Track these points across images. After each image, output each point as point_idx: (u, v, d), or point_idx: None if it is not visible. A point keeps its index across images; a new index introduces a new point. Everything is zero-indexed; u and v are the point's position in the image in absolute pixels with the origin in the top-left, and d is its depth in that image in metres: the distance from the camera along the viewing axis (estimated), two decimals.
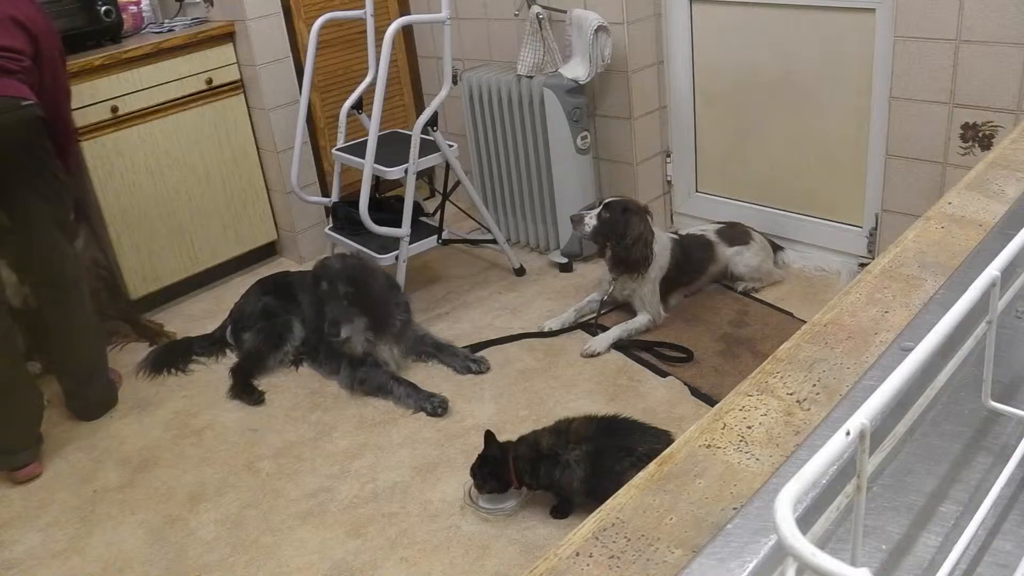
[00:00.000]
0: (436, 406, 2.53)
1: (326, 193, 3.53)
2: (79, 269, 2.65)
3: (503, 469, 2.06)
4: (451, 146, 3.06)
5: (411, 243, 3.00)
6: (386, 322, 2.71)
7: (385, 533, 2.11)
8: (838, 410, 0.67)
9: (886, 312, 0.80)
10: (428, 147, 3.00)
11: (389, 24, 2.82)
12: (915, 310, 0.79)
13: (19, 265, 2.55)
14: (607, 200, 2.80)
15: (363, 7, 3.19)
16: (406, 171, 2.92)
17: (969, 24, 2.37)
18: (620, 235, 2.73)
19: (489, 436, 2.10)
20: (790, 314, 2.81)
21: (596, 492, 1.97)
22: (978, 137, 2.49)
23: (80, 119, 2.91)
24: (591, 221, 2.76)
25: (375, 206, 2.99)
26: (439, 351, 2.80)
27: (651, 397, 2.48)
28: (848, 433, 0.45)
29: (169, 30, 3.19)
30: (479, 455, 2.11)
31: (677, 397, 2.47)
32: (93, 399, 2.71)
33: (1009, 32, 2.32)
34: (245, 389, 2.73)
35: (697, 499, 0.61)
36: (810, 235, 3.10)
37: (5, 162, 2.31)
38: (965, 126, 2.50)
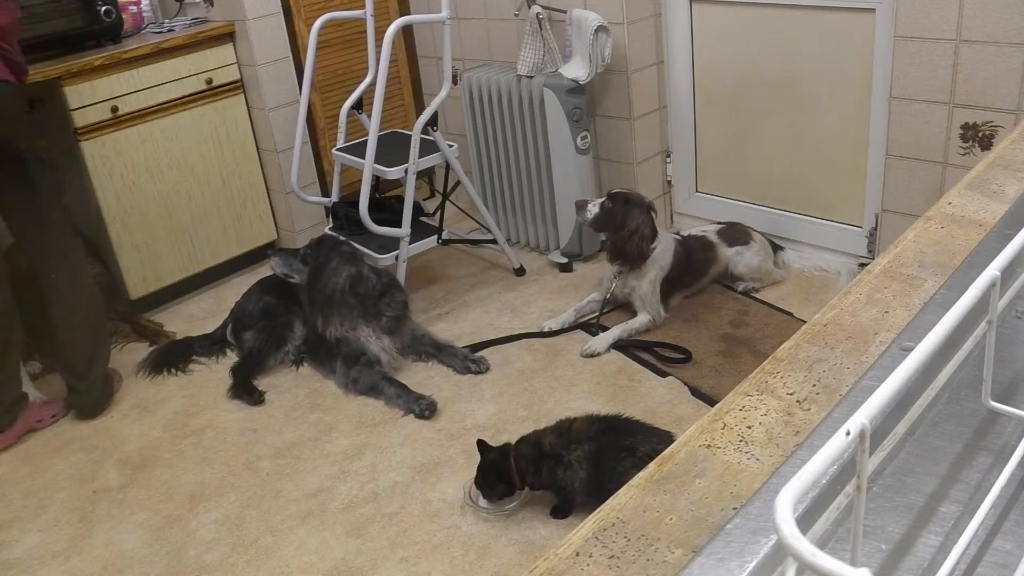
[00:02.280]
0: (424, 408, 2.52)
1: (326, 193, 3.53)
2: (77, 260, 2.66)
3: (506, 470, 2.06)
4: (451, 146, 3.06)
5: (411, 243, 3.00)
6: (327, 306, 2.74)
7: (385, 533, 2.11)
8: (838, 410, 0.67)
9: (886, 312, 0.80)
10: (428, 147, 3.00)
11: (389, 24, 2.82)
12: (915, 310, 0.79)
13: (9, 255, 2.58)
14: (613, 191, 2.81)
15: (363, 7, 3.19)
16: (406, 171, 2.92)
17: (969, 24, 2.37)
18: (618, 225, 2.74)
19: (481, 444, 2.10)
20: (790, 314, 2.81)
21: (597, 492, 1.97)
22: (978, 137, 2.49)
23: (80, 119, 2.92)
24: (593, 209, 2.79)
25: (375, 206, 2.99)
26: (439, 351, 2.80)
27: (651, 397, 2.48)
28: (848, 433, 0.45)
29: (169, 30, 3.19)
30: (478, 466, 2.10)
31: (677, 397, 2.47)
32: (89, 396, 2.72)
33: (1009, 32, 2.32)
34: (245, 389, 2.73)
35: (697, 499, 0.61)
36: (810, 235, 3.10)
37: None
38: (965, 126, 2.50)
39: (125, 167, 3.08)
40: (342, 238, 2.93)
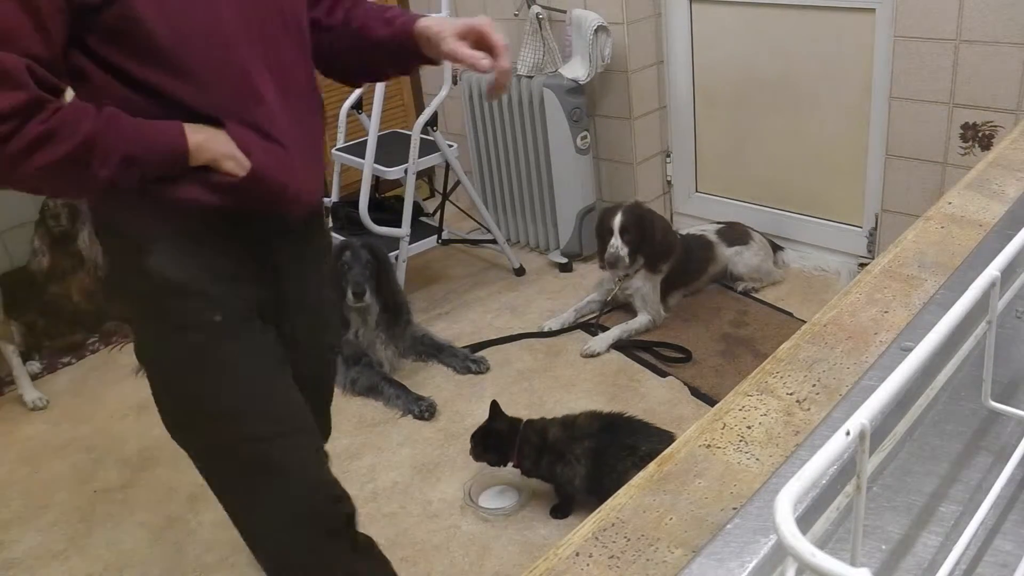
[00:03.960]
0: (424, 409, 2.52)
1: (326, 193, 3.53)
2: None
3: (507, 446, 2.06)
4: (451, 146, 3.06)
5: (411, 243, 3.00)
6: (397, 315, 2.72)
7: (385, 533, 2.11)
8: (838, 410, 0.67)
9: (886, 312, 0.80)
10: (428, 147, 3.00)
11: None
12: (915, 310, 0.79)
13: None
14: (616, 220, 2.72)
15: None
16: (406, 171, 2.92)
17: (969, 24, 2.37)
18: (651, 238, 2.73)
19: (495, 408, 2.09)
20: (790, 314, 2.80)
21: (597, 490, 1.97)
22: (978, 137, 2.49)
23: None
24: (623, 249, 2.71)
25: (375, 206, 2.99)
26: (439, 351, 2.79)
27: (651, 397, 2.48)
28: (848, 433, 0.45)
29: None
30: (483, 424, 2.10)
31: (677, 397, 2.47)
32: None
33: (1009, 32, 2.32)
34: None
35: (697, 499, 0.61)
36: (810, 235, 3.10)
37: None
38: (965, 126, 2.50)
39: None
40: (366, 238, 2.83)
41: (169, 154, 1.15)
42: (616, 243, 2.72)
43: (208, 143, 1.17)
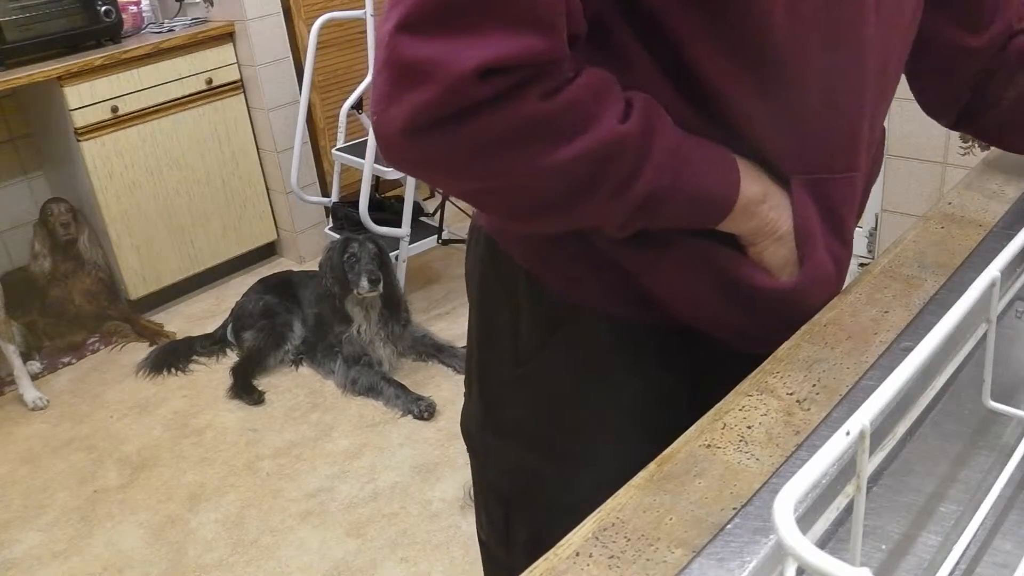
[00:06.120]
0: (423, 409, 2.52)
1: (326, 193, 3.53)
2: None
3: None
4: None
5: (411, 243, 2.99)
6: (396, 311, 2.73)
7: (385, 533, 2.11)
8: (838, 410, 0.67)
9: (886, 312, 0.80)
10: None
11: None
12: (915, 310, 0.79)
13: None
14: None
15: (363, 7, 3.18)
16: None
17: None
18: None
19: None
20: None
21: None
22: None
23: (80, 119, 2.92)
24: None
25: (375, 206, 2.99)
26: (439, 351, 2.80)
27: None
28: (848, 433, 0.45)
29: (169, 30, 3.19)
30: None
31: None
32: None
33: None
34: (245, 389, 2.73)
35: (697, 499, 0.61)
36: None
37: None
38: None
39: (125, 167, 3.08)
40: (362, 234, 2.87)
41: (705, 200, 0.69)
42: None
43: (765, 206, 0.71)
